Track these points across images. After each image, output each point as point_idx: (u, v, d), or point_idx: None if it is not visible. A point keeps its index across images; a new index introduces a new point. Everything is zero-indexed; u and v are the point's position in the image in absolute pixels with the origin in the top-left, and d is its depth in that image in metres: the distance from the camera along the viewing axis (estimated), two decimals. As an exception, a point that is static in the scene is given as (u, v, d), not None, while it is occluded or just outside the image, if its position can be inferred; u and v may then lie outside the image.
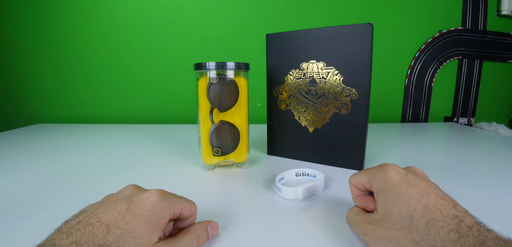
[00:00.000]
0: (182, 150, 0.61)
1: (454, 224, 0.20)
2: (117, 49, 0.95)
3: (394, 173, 0.25)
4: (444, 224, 0.20)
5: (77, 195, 0.40)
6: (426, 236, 0.20)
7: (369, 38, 0.42)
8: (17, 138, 0.75)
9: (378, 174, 0.26)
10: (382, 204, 0.25)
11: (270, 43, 0.51)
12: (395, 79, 0.97)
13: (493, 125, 0.83)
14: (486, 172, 0.47)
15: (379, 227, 0.24)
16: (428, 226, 0.21)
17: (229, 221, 0.31)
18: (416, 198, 0.23)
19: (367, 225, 0.25)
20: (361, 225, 0.26)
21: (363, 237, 0.26)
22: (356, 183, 0.30)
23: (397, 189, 0.24)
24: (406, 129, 0.86)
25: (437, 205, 0.22)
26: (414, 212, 0.22)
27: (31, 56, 0.98)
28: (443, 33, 0.93)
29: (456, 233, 0.19)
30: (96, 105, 1.00)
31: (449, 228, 0.20)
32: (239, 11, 0.92)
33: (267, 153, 0.57)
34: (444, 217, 0.21)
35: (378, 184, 0.26)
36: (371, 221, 0.25)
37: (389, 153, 0.58)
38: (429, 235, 0.20)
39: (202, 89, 0.43)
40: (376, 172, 0.27)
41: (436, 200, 0.22)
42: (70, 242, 0.19)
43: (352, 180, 0.30)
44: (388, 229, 0.23)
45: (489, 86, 1.00)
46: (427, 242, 0.20)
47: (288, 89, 0.51)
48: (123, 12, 0.92)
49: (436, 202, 0.22)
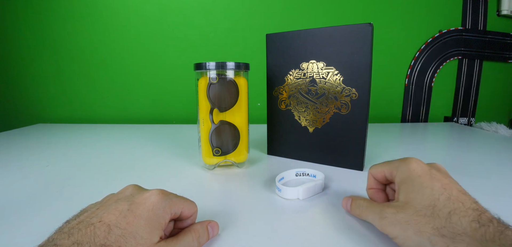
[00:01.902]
0: (182, 150, 0.61)
1: (475, 215, 0.21)
2: (117, 49, 0.95)
3: (417, 166, 0.26)
4: (466, 214, 0.21)
5: (78, 195, 0.40)
6: (448, 224, 0.21)
7: (369, 38, 0.42)
8: (17, 138, 0.75)
9: (401, 166, 0.27)
10: (405, 193, 0.25)
11: (270, 43, 0.51)
12: (395, 79, 0.97)
13: (493, 125, 0.83)
14: (486, 172, 0.47)
15: (400, 212, 0.24)
16: (450, 215, 0.21)
17: (229, 221, 0.31)
18: (439, 190, 0.23)
19: (386, 209, 0.25)
20: (380, 209, 0.26)
21: (380, 221, 0.25)
22: (377, 174, 0.30)
23: (421, 180, 0.25)
24: (406, 129, 0.86)
25: (459, 198, 0.22)
26: (437, 202, 0.23)
27: (31, 56, 0.98)
28: (443, 33, 0.93)
29: (477, 223, 0.20)
30: (96, 105, 1.00)
31: (471, 218, 0.21)
32: (239, 11, 0.92)
33: (267, 153, 0.57)
34: (466, 209, 0.21)
35: (401, 175, 0.27)
36: (391, 205, 0.25)
37: (389, 153, 0.58)
38: (451, 222, 0.21)
39: (202, 89, 0.43)
40: (399, 164, 0.28)
41: (458, 194, 0.23)
42: (71, 242, 0.19)
43: (372, 170, 0.31)
44: (410, 215, 0.23)
45: (489, 86, 1.00)
46: (448, 229, 0.21)
47: (288, 89, 0.51)
48: (124, 12, 0.92)
49: (458, 196, 0.23)
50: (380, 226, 0.26)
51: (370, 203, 0.29)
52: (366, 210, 0.28)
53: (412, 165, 0.26)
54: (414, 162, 0.27)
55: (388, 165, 0.29)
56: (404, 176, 0.26)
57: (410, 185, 0.25)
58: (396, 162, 0.28)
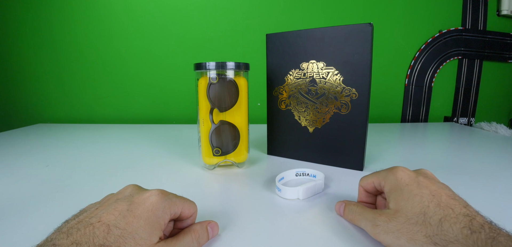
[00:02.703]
0: (182, 150, 0.61)
1: (466, 222, 0.21)
2: (117, 49, 0.95)
3: (404, 175, 0.26)
4: (456, 221, 0.21)
5: (77, 195, 0.40)
6: (439, 231, 0.21)
7: (369, 38, 0.42)
8: (17, 138, 0.75)
9: (389, 175, 0.27)
10: (395, 202, 0.25)
11: (270, 43, 0.51)
12: (395, 79, 0.97)
13: (493, 125, 0.83)
14: (486, 172, 0.47)
15: (391, 220, 0.24)
16: (441, 222, 0.21)
17: (229, 221, 0.31)
18: (428, 197, 0.23)
19: (379, 216, 0.25)
20: (373, 216, 0.26)
21: (373, 228, 0.25)
22: (367, 186, 0.30)
23: (409, 189, 0.25)
24: (406, 129, 0.86)
25: (449, 204, 0.22)
26: (427, 209, 0.23)
27: (31, 56, 0.98)
28: (443, 33, 0.93)
29: (468, 230, 0.20)
30: (96, 105, 1.00)
31: (462, 225, 0.21)
32: (239, 11, 0.92)
33: (267, 153, 0.57)
34: (456, 215, 0.21)
35: (390, 184, 0.27)
36: (383, 213, 0.25)
37: (389, 153, 0.58)
38: (442, 230, 0.21)
39: (202, 89, 0.43)
40: (386, 174, 0.28)
41: (447, 200, 0.23)
42: (70, 242, 0.19)
43: (362, 182, 0.31)
44: (402, 223, 0.23)
45: (489, 86, 1.00)
46: (440, 237, 0.21)
47: (288, 89, 0.51)
48: (124, 12, 0.92)
49: (447, 202, 0.23)
50: (373, 234, 0.26)
51: (363, 208, 0.28)
52: (359, 216, 0.28)
53: (398, 173, 0.26)
54: (401, 170, 0.27)
55: (377, 176, 0.29)
56: (393, 185, 0.26)
57: (399, 194, 0.25)
58: (383, 172, 0.29)
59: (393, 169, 0.28)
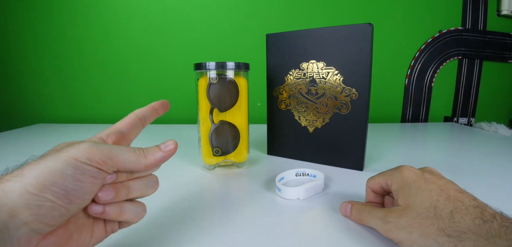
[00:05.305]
0: (182, 150, 0.61)
1: (478, 213, 0.21)
2: (117, 49, 0.95)
3: (410, 172, 0.26)
4: (467, 212, 0.21)
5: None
6: (451, 223, 0.21)
7: (369, 38, 0.42)
8: (17, 138, 0.75)
9: (395, 174, 0.27)
10: (404, 198, 0.25)
11: (270, 43, 0.51)
12: (395, 79, 0.97)
13: (493, 125, 0.83)
14: (486, 172, 0.47)
15: (402, 216, 0.24)
16: (452, 214, 0.22)
17: (229, 221, 0.31)
18: (436, 191, 0.23)
19: (389, 213, 0.25)
20: (383, 214, 0.26)
21: (384, 225, 0.25)
22: (374, 186, 0.30)
23: (417, 185, 0.25)
24: (406, 129, 0.86)
25: (458, 197, 0.23)
26: (437, 203, 0.23)
27: (31, 56, 0.98)
28: (443, 33, 0.93)
29: (480, 220, 0.20)
30: (97, 105, 1.00)
31: (473, 216, 0.21)
32: (239, 11, 0.92)
33: (267, 153, 0.57)
34: (467, 207, 0.22)
35: (397, 182, 0.27)
36: (392, 210, 0.25)
37: (389, 153, 0.58)
38: (454, 222, 0.21)
39: (202, 89, 0.43)
40: (393, 173, 0.28)
41: (456, 193, 0.23)
42: None
43: (369, 183, 0.31)
44: (413, 218, 0.23)
45: (489, 86, 1.00)
46: (453, 228, 0.21)
47: (288, 89, 0.51)
48: (124, 12, 0.92)
49: (456, 195, 0.23)
50: (384, 231, 0.25)
51: (371, 207, 0.28)
52: (368, 215, 0.28)
53: (405, 171, 0.27)
54: (407, 169, 0.27)
55: (383, 176, 0.29)
56: (400, 183, 0.26)
57: (407, 190, 0.25)
58: (389, 171, 0.29)
59: (399, 167, 0.28)
